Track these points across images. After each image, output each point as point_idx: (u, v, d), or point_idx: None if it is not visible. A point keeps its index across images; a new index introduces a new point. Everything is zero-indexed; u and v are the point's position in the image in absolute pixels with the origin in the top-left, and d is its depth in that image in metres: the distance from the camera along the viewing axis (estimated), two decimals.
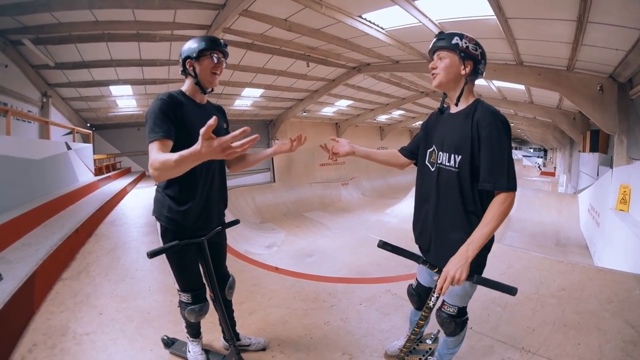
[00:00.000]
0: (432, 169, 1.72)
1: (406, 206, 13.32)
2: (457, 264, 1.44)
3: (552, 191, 16.17)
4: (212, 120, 1.14)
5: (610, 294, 3.02)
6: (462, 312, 1.75)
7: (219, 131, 1.88)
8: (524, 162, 34.18)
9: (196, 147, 1.20)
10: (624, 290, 3.04)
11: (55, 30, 5.81)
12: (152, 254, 1.57)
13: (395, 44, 7.10)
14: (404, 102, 15.24)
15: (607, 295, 3.00)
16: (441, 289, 1.45)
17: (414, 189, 1.93)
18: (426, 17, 5.56)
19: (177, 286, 1.89)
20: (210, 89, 1.82)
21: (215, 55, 1.75)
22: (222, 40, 1.78)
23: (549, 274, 3.50)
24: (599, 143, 9.39)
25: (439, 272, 1.58)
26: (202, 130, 1.15)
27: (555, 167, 25.41)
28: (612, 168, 7.02)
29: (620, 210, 6.30)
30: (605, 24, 4.42)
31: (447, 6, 5.16)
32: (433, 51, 1.66)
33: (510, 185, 1.46)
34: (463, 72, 1.58)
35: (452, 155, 1.60)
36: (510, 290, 1.40)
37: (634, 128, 6.21)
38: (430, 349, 2.19)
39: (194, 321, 1.97)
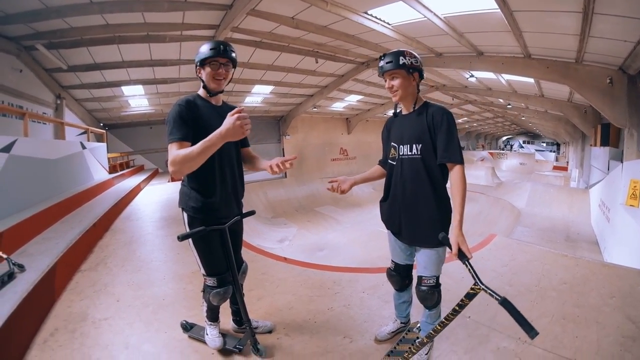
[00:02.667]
0: (395, 163, 2.04)
1: None
2: (457, 236, 1.72)
3: (563, 186, 15.90)
4: (240, 108, 1.60)
5: (613, 289, 2.97)
6: (438, 280, 1.99)
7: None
8: (537, 156, 33.37)
9: (219, 129, 1.59)
10: (628, 285, 2.99)
11: (67, 35, 6.01)
12: (183, 237, 1.80)
13: (402, 39, 7.14)
14: None
15: (609, 290, 2.95)
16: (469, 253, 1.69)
17: None
18: (431, 12, 5.60)
19: (202, 271, 2.03)
20: (216, 92, 1.96)
21: (215, 62, 1.87)
22: (222, 47, 1.87)
23: (552, 267, 3.46)
24: (609, 137, 9.25)
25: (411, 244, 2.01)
26: (233, 111, 1.59)
27: (567, 162, 24.95)
28: (622, 162, 6.92)
29: (631, 205, 6.15)
30: (612, 15, 4.40)
31: (452, 0, 5.18)
32: (382, 73, 1.94)
33: (462, 159, 1.84)
34: (414, 82, 1.94)
35: (414, 145, 1.93)
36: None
37: None
38: (418, 337, 2.25)
39: (217, 304, 2.10)
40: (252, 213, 2.30)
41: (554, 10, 4.70)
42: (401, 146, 1.99)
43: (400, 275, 2.19)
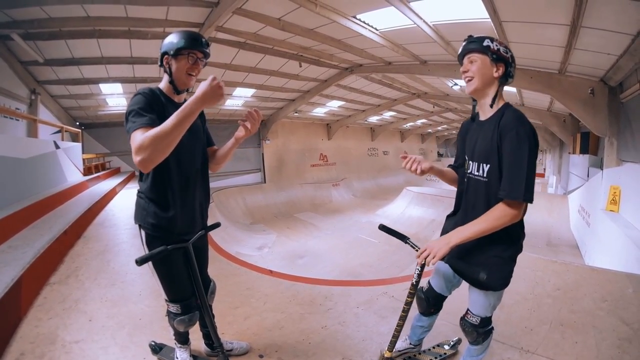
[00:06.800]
0: (465, 179, 1.73)
1: (397, 207, 13.39)
2: (439, 243, 1.49)
3: (542, 192, 16.35)
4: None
5: (604, 292, 3.09)
6: (485, 322, 1.75)
7: (197, 129, 1.81)
8: None
9: (196, 94, 1.37)
10: (617, 289, 3.12)
11: (45, 26, 5.67)
12: (142, 261, 1.54)
13: (389, 45, 7.11)
14: (395, 103, 15.30)
15: (601, 294, 3.07)
16: (422, 259, 1.52)
17: (404, 191, 1.95)
18: (421, 18, 5.57)
19: (165, 296, 1.82)
20: (184, 90, 1.73)
21: (193, 55, 1.64)
22: (204, 39, 1.66)
23: (544, 274, 3.54)
24: (589, 145, 9.54)
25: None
26: (214, 77, 1.38)
27: (544, 169, 25.74)
28: (602, 170, 7.12)
29: (611, 210, 6.40)
30: (598, 28, 4.47)
31: (442, 8, 5.17)
32: (463, 55, 1.63)
33: (526, 196, 1.42)
34: (496, 75, 1.57)
35: (481, 165, 1.60)
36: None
37: (624, 131, 6.32)
38: (445, 353, 2.19)
39: (183, 331, 1.92)
40: (217, 226, 2.06)
41: (544, 22, 4.74)
42: (471, 162, 1.67)
43: (427, 301, 1.96)
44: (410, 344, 2.23)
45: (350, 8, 5.77)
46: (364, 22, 6.27)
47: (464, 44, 1.62)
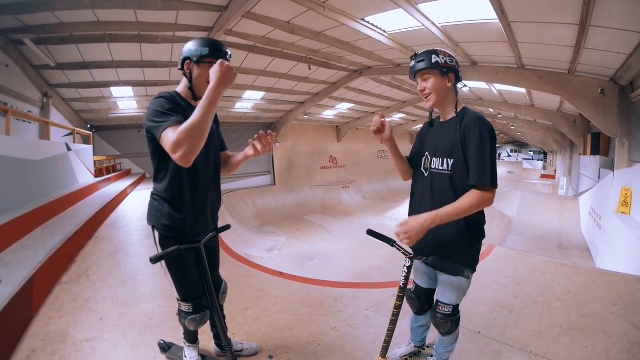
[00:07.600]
0: (426, 175, 1.86)
1: (407, 209, 13.14)
2: (416, 223, 1.56)
3: (552, 194, 16.14)
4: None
5: (615, 296, 3.04)
6: (456, 310, 1.85)
7: (212, 134, 1.83)
8: (525, 165, 34.26)
9: (212, 81, 1.44)
10: (628, 292, 3.07)
11: (56, 30, 5.78)
12: (156, 259, 1.57)
13: (398, 47, 7.10)
14: (405, 105, 15.22)
15: (611, 298, 3.03)
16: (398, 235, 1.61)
17: None
18: (429, 20, 5.57)
19: (177, 296, 1.86)
20: (202, 97, 1.75)
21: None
22: (228, 51, 1.70)
23: (554, 277, 3.52)
24: (600, 146, 9.41)
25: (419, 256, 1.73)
26: (221, 62, 1.47)
27: (555, 170, 25.44)
28: (613, 171, 7.01)
29: (622, 212, 6.29)
30: (607, 27, 4.45)
31: (450, 10, 5.15)
32: (414, 74, 1.78)
33: (493, 183, 1.59)
34: (449, 85, 1.74)
35: (445, 160, 1.75)
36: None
37: (635, 131, 6.23)
38: (432, 355, 2.18)
39: (194, 330, 1.95)
40: (227, 228, 2.09)
41: (552, 22, 4.71)
42: (434, 159, 1.82)
43: (419, 299, 2.03)
44: (415, 347, 2.25)
45: (359, 11, 5.77)
46: (372, 25, 6.27)
47: (412, 63, 1.76)
